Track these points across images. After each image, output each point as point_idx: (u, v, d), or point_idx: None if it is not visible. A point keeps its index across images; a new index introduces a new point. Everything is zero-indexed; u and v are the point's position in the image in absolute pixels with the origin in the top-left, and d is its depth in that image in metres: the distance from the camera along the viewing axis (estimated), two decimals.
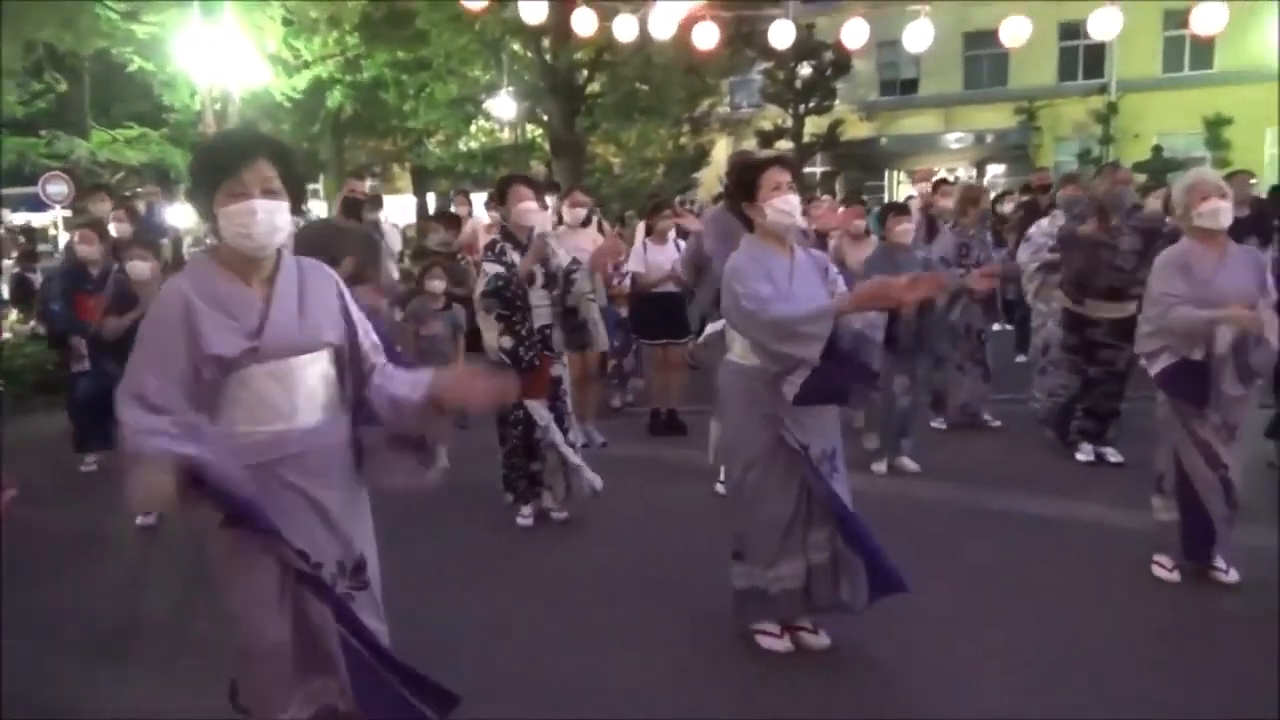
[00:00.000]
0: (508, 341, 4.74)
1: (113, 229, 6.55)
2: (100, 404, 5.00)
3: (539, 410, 4.84)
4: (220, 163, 2.24)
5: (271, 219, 2.21)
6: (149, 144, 17.37)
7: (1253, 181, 7.88)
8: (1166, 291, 3.89)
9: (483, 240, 7.82)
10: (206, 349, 2.18)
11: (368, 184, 6.50)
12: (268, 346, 2.23)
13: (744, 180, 3.40)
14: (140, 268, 5.10)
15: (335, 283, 2.42)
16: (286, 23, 16.59)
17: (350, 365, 2.41)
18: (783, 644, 3.49)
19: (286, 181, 2.26)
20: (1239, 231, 6.45)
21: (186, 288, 2.24)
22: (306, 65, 17.86)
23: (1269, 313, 3.72)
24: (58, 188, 14.30)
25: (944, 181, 9.18)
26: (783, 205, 3.29)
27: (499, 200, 4.94)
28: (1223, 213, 3.81)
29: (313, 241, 5.00)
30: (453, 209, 9.29)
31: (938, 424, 6.78)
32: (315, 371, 2.33)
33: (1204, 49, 22.37)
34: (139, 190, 14.77)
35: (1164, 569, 4.05)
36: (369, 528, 2.48)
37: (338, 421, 2.38)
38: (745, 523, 3.44)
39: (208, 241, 6.59)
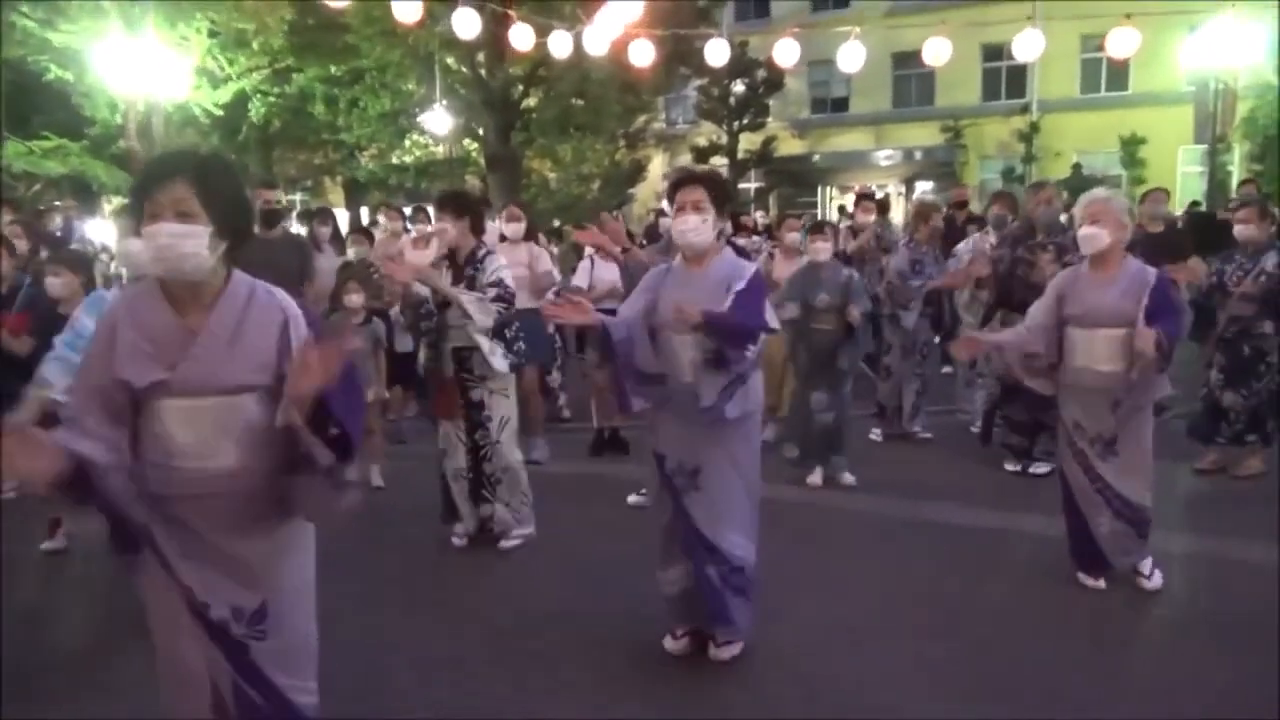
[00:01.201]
0: (424, 358, 4.76)
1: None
2: None
3: (443, 431, 4.76)
4: (141, 184, 2.15)
5: (178, 243, 2.06)
6: (68, 155, 16.79)
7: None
8: (1030, 312, 4.14)
9: (411, 255, 7.71)
10: (117, 372, 2.12)
11: (279, 193, 6.28)
12: (179, 383, 2.12)
13: (668, 196, 3.54)
14: (54, 284, 4.88)
15: (283, 318, 2.20)
16: (213, 34, 16.23)
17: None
18: (673, 645, 3.56)
19: (211, 203, 2.09)
20: (1154, 248, 6.70)
21: (122, 306, 2.21)
22: (232, 78, 17.47)
23: (1145, 332, 3.66)
24: None
25: (865, 197, 9.38)
26: (680, 225, 3.35)
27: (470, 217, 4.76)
28: (1091, 239, 3.87)
29: (253, 262, 4.87)
30: (381, 221, 9.11)
31: (874, 435, 6.88)
32: (234, 413, 2.15)
33: (1120, 71, 23.24)
34: (56, 204, 14.28)
35: (1089, 577, 4.14)
36: (286, 577, 2.30)
37: (254, 467, 2.17)
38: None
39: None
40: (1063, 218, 7.14)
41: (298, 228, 10.01)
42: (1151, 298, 3.74)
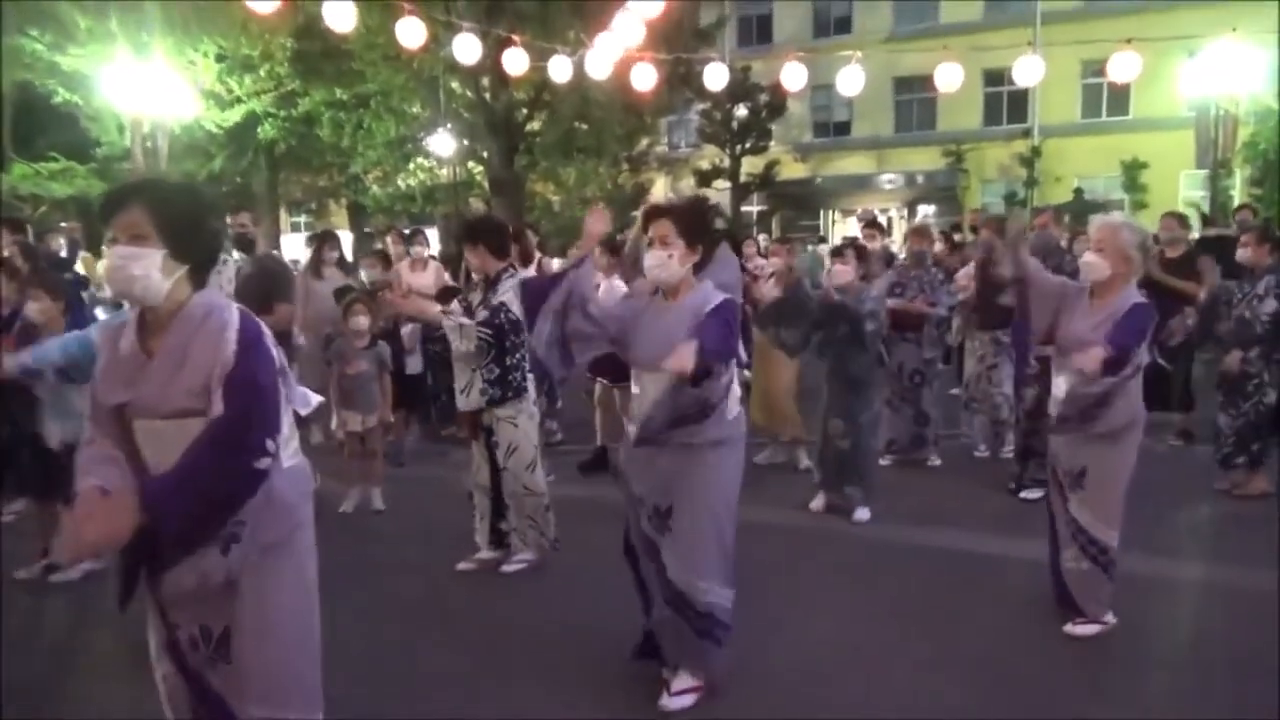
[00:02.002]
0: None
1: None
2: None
3: (474, 448, 4.78)
4: (100, 209, 2.21)
5: (127, 265, 2.09)
6: (74, 177, 16.93)
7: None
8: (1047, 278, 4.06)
9: (409, 277, 7.72)
10: (96, 392, 2.23)
11: (248, 217, 6.29)
12: (137, 404, 2.17)
13: (641, 227, 3.41)
14: (32, 308, 4.82)
15: (223, 345, 2.13)
16: (220, 59, 16.39)
17: None
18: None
19: (165, 227, 2.12)
20: (1176, 274, 6.69)
21: (105, 330, 2.31)
22: (240, 100, 17.63)
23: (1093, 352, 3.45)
24: None
25: (870, 224, 9.38)
26: (648, 260, 3.24)
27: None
28: (1090, 267, 3.77)
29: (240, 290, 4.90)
30: (389, 244, 9.12)
31: (884, 461, 6.75)
32: (187, 436, 2.12)
33: (1121, 96, 23.37)
34: (62, 225, 14.35)
35: (1069, 615, 4.02)
36: (257, 604, 2.23)
37: None
38: None
39: None
40: (1063, 242, 7.13)
41: (304, 251, 10.05)
42: (1118, 322, 3.61)
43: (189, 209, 2.21)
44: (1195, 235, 9.72)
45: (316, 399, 3.45)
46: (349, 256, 12.16)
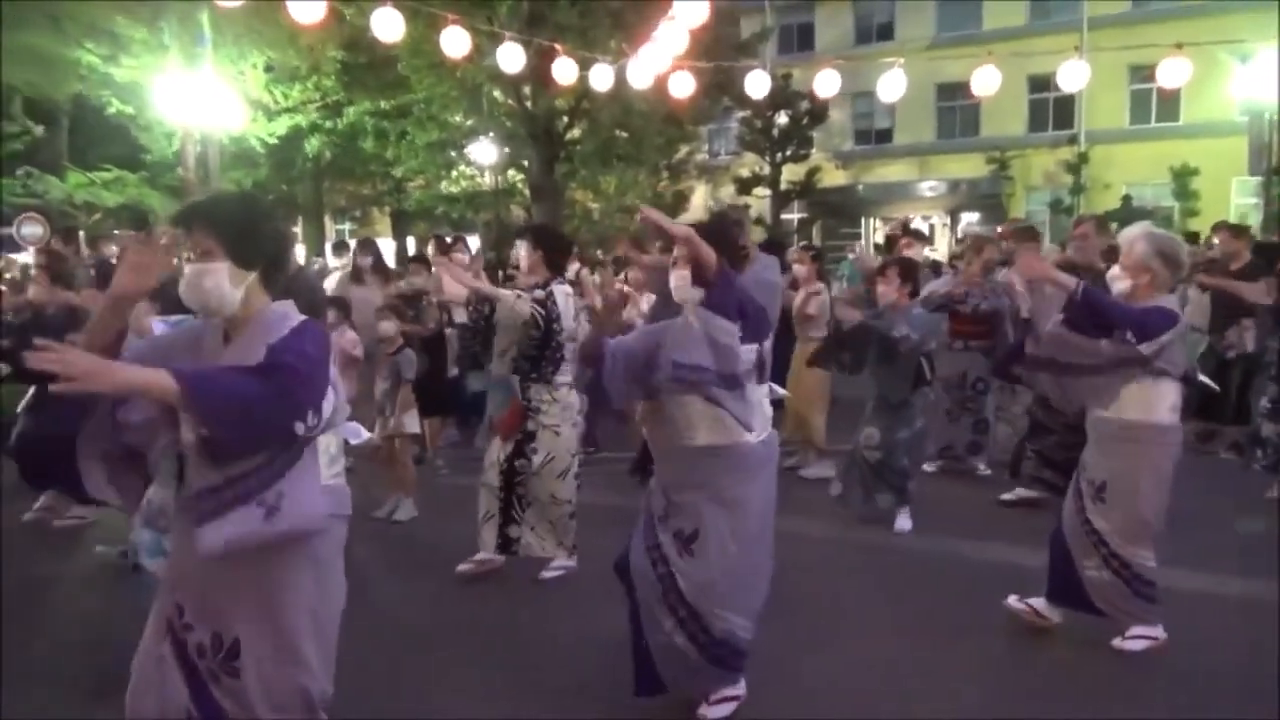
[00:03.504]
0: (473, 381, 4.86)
1: (30, 289, 6.15)
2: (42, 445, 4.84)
3: (492, 444, 4.82)
4: (180, 233, 2.34)
5: (198, 280, 2.23)
6: (126, 186, 17.35)
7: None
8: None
9: (450, 287, 7.78)
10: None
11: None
12: None
13: None
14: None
15: (280, 332, 2.23)
16: (268, 69, 16.71)
17: None
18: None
19: (227, 240, 2.23)
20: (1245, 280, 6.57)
21: (193, 330, 2.46)
22: (286, 111, 17.96)
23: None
24: (32, 229, 14.21)
25: (909, 233, 9.36)
26: (671, 281, 3.09)
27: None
28: (1112, 281, 3.73)
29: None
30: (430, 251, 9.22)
31: (928, 467, 6.70)
32: None
33: (1170, 102, 22.94)
34: (115, 232, 14.72)
35: (1046, 608, 3.96)
36: (265, 616, 2.24)
37: None
38: None
39: None
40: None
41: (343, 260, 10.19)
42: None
43: (246, 218, 2.31)
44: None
45: (367, 434, 3.53)
46: (391, 264, 12.29)
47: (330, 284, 8.75)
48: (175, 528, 2.36)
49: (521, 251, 4.84)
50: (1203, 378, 5.02)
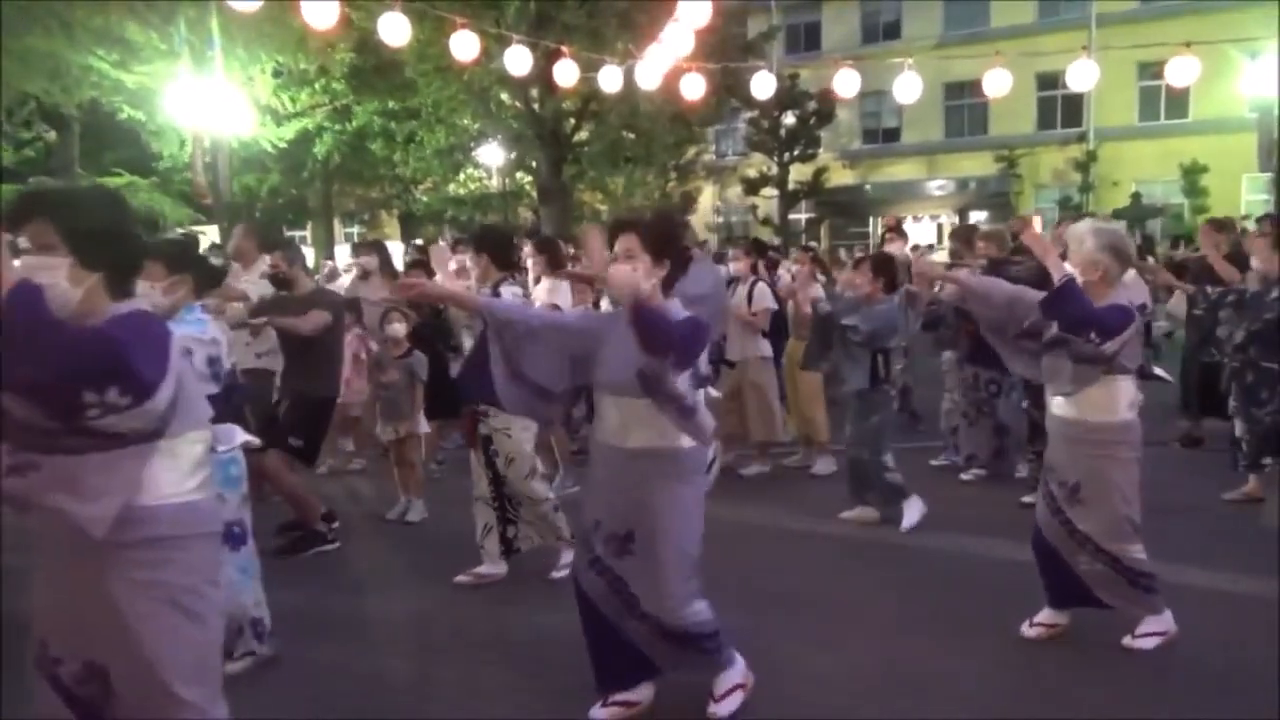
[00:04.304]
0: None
1: None
2: None
3: (472, 459, 4.81)
4: (10, 222, 2.11)
5: (32, 275, 1.99)
6: (137, 191, 17.48)
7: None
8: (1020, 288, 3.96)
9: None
10: None
11: (280, 255, 5.61)
12: None
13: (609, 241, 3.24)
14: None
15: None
16: (276, 74, 16.80)
17: None
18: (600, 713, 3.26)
19: (72, 236, 2.04)
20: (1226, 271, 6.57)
21: None
22: (296, 115, 18.06)
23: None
24: None
25: (892, 229, 9.41)
26: (611, 274, 3.00)
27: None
28: None
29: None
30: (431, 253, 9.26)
31: (967, 476, 6.59)
32: None
33: (1179, 99, 22.85)
34: None
35: (1051, 612, 3.93)
36: (129, 651, 2.06)
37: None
38: None
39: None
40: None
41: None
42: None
43: (96, 216, 2.13)
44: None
45: (243, 438, 3.47)
46: (400, 266, 12.31)
47: (343, 284, 8.81)
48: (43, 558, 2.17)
49: (469, 261, 4.80)
50: (1158, 370, 5.01)
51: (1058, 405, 3.75)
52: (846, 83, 8.54)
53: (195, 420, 2.16)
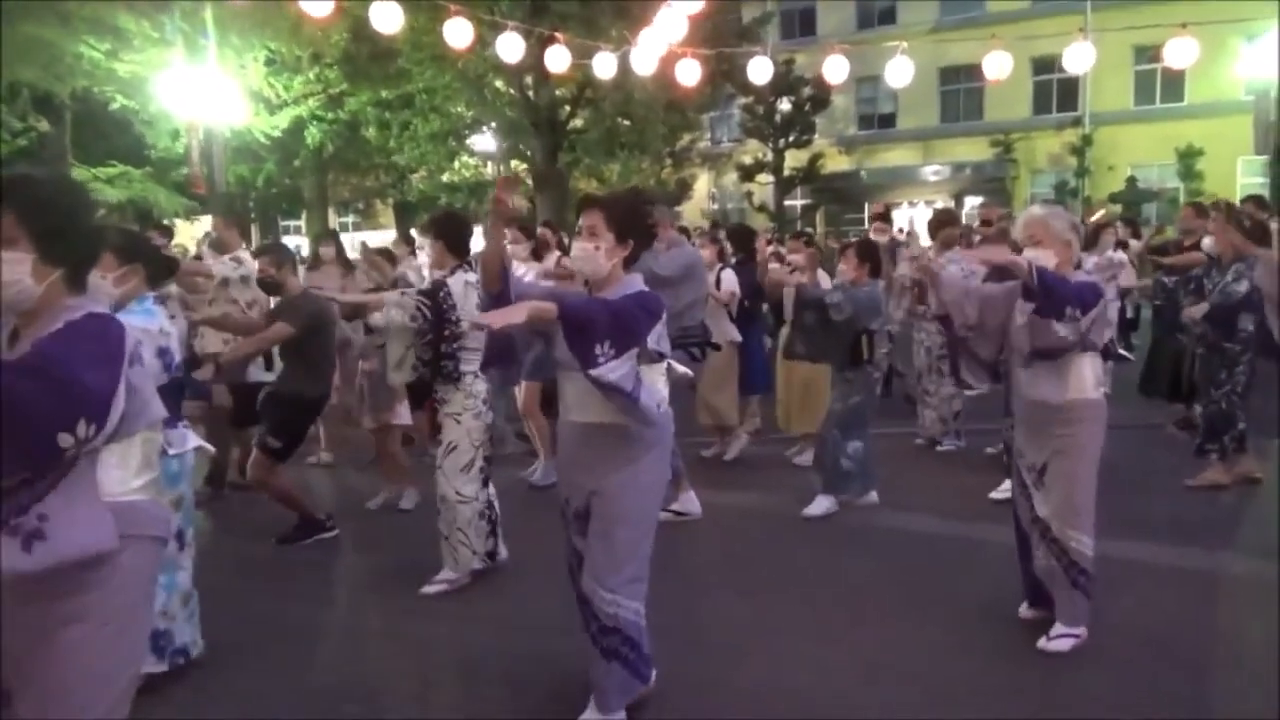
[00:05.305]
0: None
1: None
2: None
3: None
4: None
5: None
6: (131, 182, 17.37)
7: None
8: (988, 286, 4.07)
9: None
10: None
11: (268, 259, 5.53)
12: None
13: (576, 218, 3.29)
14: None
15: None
16: (269, 62, 16.70)
17: None
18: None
19: (35, 230, 1.95)
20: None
21: None
22: (287, 104, 17.96)
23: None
24: None
25: (878, 217, 9.47)
26: (574, 250, 3.15)
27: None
28: (1037, 260, 3.57)
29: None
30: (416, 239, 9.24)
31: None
32: None
33: (1175, 82, 22.83)
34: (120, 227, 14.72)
35: (1029, 608, 3.97)
36: (39, 674, 1.92)
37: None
38: None
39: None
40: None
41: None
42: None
43: (62, 211, 2.03)
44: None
45: (195, 443, 3.46)
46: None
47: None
48: None
49: (428, 250, 4.73)
50: (1121, 350, 5.05)
51: (1026, 386, 3.73)
52: (836, 69, 8.50)
53: (147, 420, 2.08)
